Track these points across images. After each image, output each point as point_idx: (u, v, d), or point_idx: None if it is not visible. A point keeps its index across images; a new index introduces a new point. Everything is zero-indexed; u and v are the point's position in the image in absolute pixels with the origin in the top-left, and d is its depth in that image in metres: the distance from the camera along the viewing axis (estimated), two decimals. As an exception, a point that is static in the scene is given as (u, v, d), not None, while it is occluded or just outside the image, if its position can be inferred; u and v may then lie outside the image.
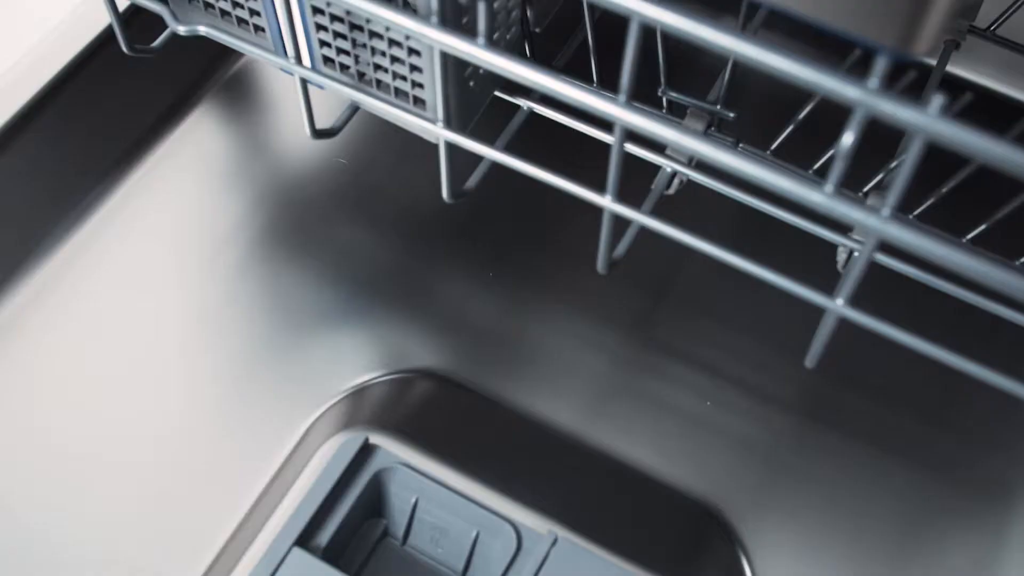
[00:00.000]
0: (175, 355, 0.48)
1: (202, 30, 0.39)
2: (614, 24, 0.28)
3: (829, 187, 0.30)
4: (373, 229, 0.51)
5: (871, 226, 0.30)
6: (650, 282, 0.49)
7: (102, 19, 0.51)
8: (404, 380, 0.46)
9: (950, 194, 0.40)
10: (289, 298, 0.49)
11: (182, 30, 0.40)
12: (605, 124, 0.35)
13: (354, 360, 0.47)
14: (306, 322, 0.49)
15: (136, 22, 0.45)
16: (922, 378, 0.47)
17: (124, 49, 0.43)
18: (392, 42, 0.38)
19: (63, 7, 0.50)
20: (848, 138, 0.28)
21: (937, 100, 0.26)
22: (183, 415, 0.46)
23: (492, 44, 0.32)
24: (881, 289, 0.37)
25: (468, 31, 0.36)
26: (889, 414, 0.47)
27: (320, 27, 0.39)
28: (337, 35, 0.39)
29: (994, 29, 0.48)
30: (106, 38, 0.50)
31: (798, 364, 0.38)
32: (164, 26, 0.42)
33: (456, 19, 0.33)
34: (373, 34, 0.38)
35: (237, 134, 0.54)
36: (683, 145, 0.30)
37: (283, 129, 0.55)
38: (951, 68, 0.55)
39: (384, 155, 0.44)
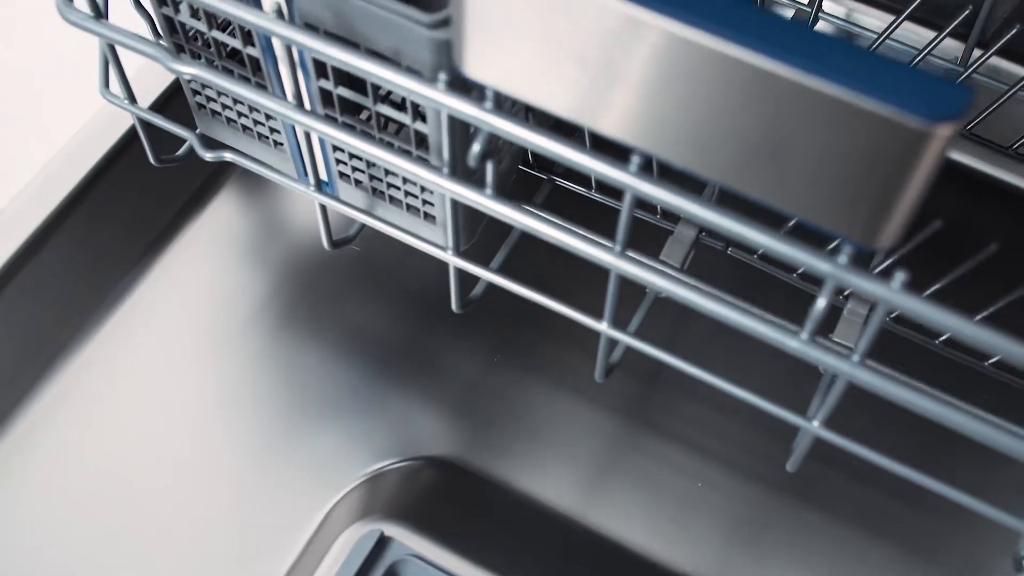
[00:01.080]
0: (194, 443, 0.51)
1: (228, 156, 0.42)
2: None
3: (804, 335, 0.33)
4: (385, 314, 0.54)
5: (842, 370, 0.33)
6: (645, 368, 0.52)
7: (124, 121, 0.54)
8: (415, 467, 0.49)
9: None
10: (306, 382, 0.52)
11: (208, 156, 0.43)
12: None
13: (368, 446, 0.50)
14: (322, 406, 0.51)
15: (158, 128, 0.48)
16: (907, 461, 0.49)
17: (152, 161, 0.47)
18: (406, 179, 0.41)
19: (87, 110, 0.53)
20: (821, 303, 0.31)
21: (899, 276, 0.29)
22: (201, 503, 0.49)
23: (499, 195, 0.35)
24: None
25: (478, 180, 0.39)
26: (874, 495, 0.50)
27: (337, 149, 0.42)
28: (354, 161, 0.42)
29: (970, 129, 0.51)
30: (129, 138, 0.53)
31: (785, 446, 0.41)
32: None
33: (466, 170, 0.36)
34: (388, 172, 0.41)
35: (255, 221, 0.57)
36: (687, 212, 0.33)
37: (299, 215, 0.57)
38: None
39: (395, 242, 0.46)
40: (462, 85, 0.32)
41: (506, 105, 0.40)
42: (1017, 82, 0.48)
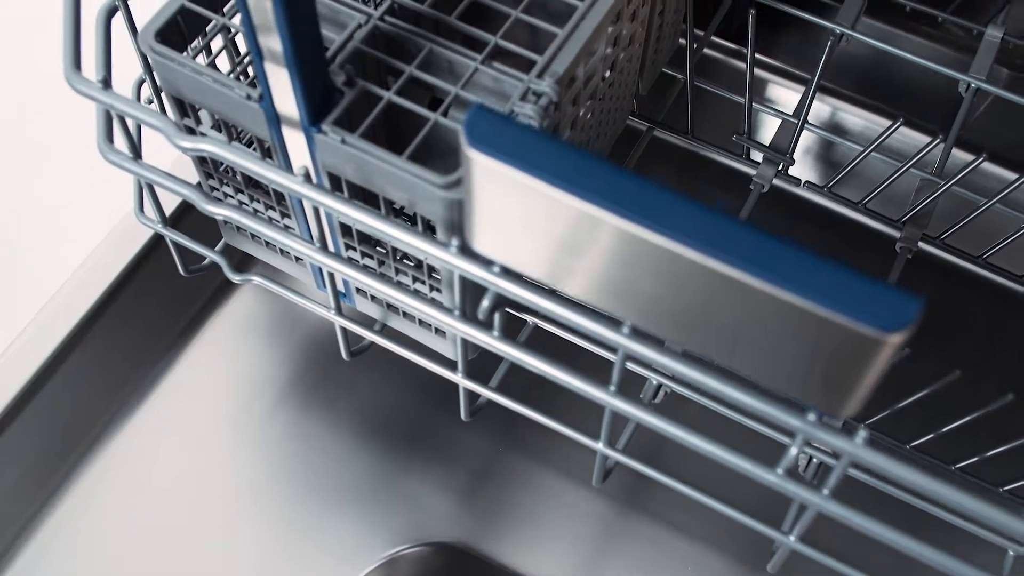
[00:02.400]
0: (218, 530, 0.54)
1: (255, 280, 0.46)
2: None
3: (779, 470, 0.36)
4: (398, 403, 0.58)
5: (813, 503, 0.36)
6: (640, 456, 0.56)
7: (142, 234, 0.57)
8: (427, 552, 0.53)
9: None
10: (324, 468, 0.56)
11: (236, 279, 0.46)
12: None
13: (384, 530, 0.54)
14: (340, 491, 0.55)
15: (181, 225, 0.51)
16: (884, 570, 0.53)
17: (181, 272, 0.50)
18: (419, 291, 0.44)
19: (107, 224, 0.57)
20: (793, 451, 0.35)
21: (862, 433, 0.32)
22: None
23: (505, 337, 0.39)
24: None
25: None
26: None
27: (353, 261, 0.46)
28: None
29: (943, 238, 0.54)
30: (156, 241, 0.57)
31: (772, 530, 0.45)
32: (209, 242, 0.48)
33: (474, 312, 0.39)
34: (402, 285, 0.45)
35: (275, 313, 0.61)
36: (670, 368, 0.37)
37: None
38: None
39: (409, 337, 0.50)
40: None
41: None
42: (990, 200, 0.51)
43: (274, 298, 0.61)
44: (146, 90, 0.48)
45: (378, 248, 0.44)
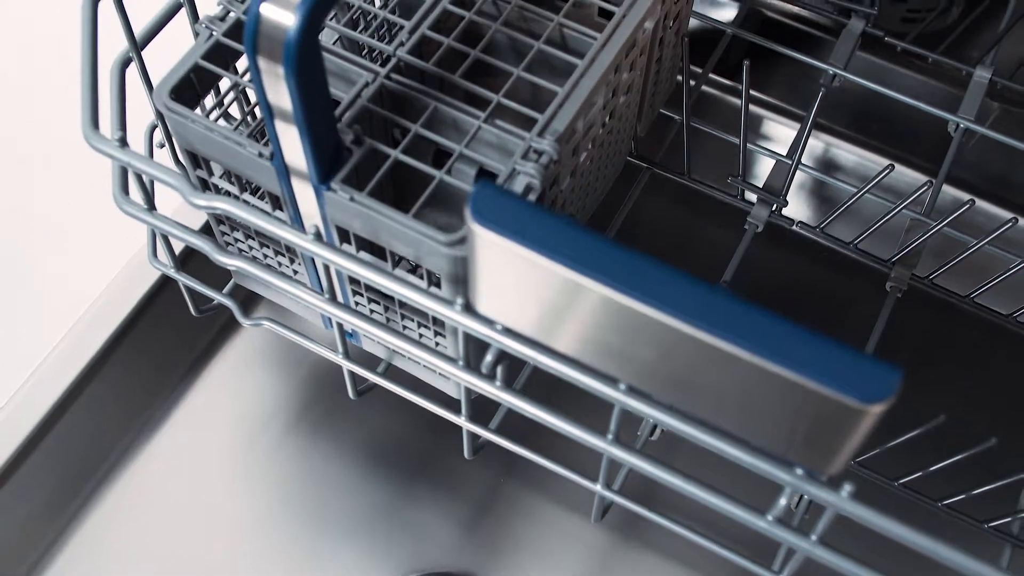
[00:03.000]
0: (225, 560, 0.56)
1: (266, 324, 0.48)
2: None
3: (770, 517, 0.38)
4: (403, 435, 0.60)
5: (802, 548, 0.38)
6: (638, 491, 0.57)
7: (154, 271, 0.59)
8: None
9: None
10: (330, 499, 0.57)
11: (247, 323, 0.48)
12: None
13: (386, 561, 0.55)
14: (345, 522, 0.57)
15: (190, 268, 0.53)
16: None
17: (192, 312, 0.52)
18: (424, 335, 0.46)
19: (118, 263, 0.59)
20: (782, 502, 0.36)
21: (847, 487, 0.34)
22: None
23: (508, 387, 0.40)
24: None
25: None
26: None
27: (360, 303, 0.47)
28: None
29: (932, 278, 0.56)
30: (161, 285, 0.59)
31: (768, 561, 0.46)
32: (218, 279, 0.50)
33: (478, 361, 0.41)
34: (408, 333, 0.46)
35: (283, 347, 0.62)
36: (664, 422, 0.38)
37: (323, 339, 0.63)
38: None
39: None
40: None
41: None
42: (980, 241, 0.53)
43: (279, 337, 0.63)
44: (158, 134, 0.49)
45: (385, 296, 0.45)
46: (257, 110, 0.49)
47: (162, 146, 0.50)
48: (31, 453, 0.55)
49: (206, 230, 0.59)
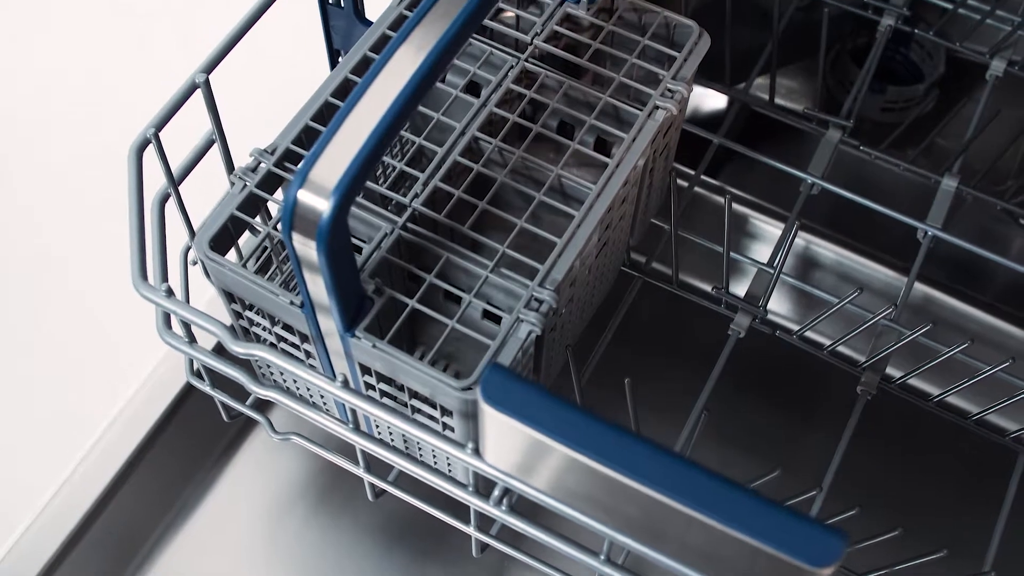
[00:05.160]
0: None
1: (294, 440, 0.53)
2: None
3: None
4: (416, 514, 0.65)
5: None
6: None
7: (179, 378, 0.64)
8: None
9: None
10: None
11: (276, 439, 0.53)
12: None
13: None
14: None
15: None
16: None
17: (224, 419, 0.57)
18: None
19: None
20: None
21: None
22: None
23: (511, 509, 0.45)
24: None
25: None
26: None
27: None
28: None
29: (899, 383, 0.61)
30: (188, 389, 0.64)
31: None
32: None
33: (487, 491, 0.46)
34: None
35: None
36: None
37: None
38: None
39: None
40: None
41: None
42: (949, 350, 0.58)
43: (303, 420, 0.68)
44: (193, 253, 0.54)
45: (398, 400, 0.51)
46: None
47: (195, 263, 0.55)
48: (79, 540, 0.60)
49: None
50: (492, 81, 0.52)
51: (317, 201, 0.39)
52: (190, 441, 0.65)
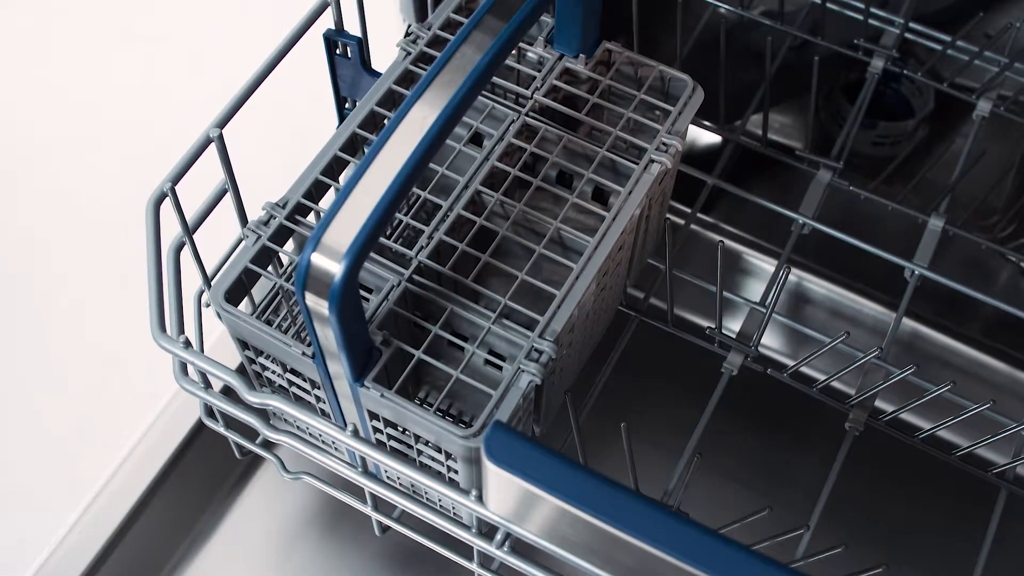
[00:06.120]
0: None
1: (305, 479, 0.55)
2: None
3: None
4: (421, 548, 0.67)
5: None
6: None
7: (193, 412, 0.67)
8: None
9: None
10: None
11: (287, 477, 0.55)
12: None
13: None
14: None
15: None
16: None
17: (236, 455, 0.59)
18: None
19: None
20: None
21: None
22: None
23: (512, 550, 0.47)
24: None
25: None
26: None
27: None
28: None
29: (884, 420, 0.63)
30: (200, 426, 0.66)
31: None
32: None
33: (490, 532, 0.48)
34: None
35: (312, 467, 0.70)
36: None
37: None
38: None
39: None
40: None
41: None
42: (935, 389, 0.60)
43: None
44: (206, 296, 0.57)
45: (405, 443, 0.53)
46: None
47: (208, 305, 0.57)
48: (99, 569, 0.62)
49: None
50: (494, 135, 0.54)
51: (330, 264, 0.41)
52: (203, 473, 0.68)
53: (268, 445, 0.57)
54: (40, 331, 0.73)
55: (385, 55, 0.59)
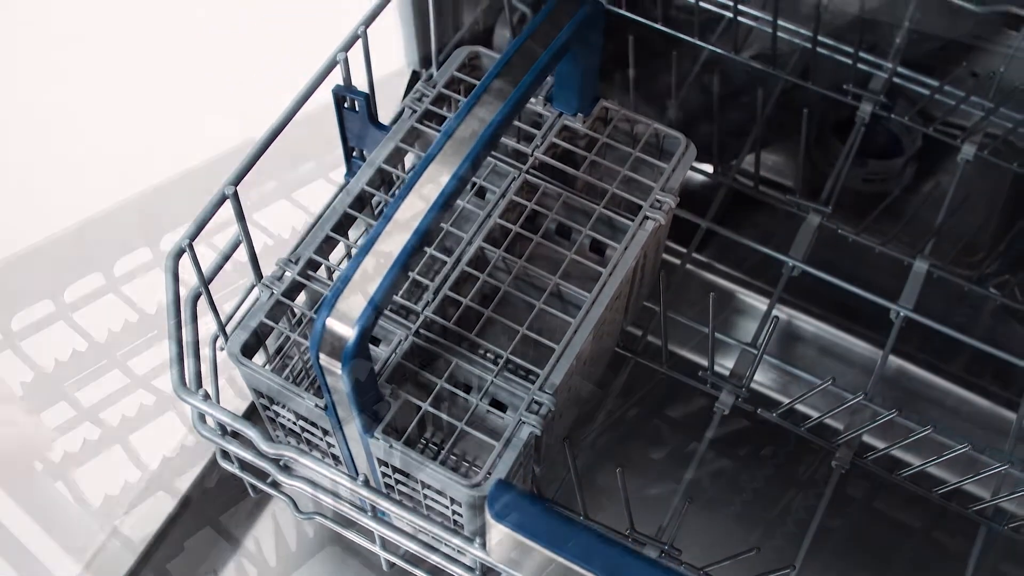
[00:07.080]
0: None
1: (318, 520, 0.58)
2: None
3: None
4: None
5: None
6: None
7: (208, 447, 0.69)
8: None
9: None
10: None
11: (300, 517, 0.58)
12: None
13: None
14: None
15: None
16: None
17: (251, 495, 0.62)
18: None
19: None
20: None
21: None
22: None
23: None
24: None
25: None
26: None
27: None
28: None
29: (870, 457, 0.65)
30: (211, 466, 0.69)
31: None
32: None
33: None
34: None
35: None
36: None
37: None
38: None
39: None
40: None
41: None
42: (916, 432, 0.62)
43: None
44: (221, 341, 0.59)
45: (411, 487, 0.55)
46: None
47: (222, 349, 0.60)
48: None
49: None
50: (496, 192, 0.57)
51: (343, 329, 0.44)
52: (217, 506, 0.70)
53: (279, 484, 0.59)
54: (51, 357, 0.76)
55: (390, 105, 0.62)
